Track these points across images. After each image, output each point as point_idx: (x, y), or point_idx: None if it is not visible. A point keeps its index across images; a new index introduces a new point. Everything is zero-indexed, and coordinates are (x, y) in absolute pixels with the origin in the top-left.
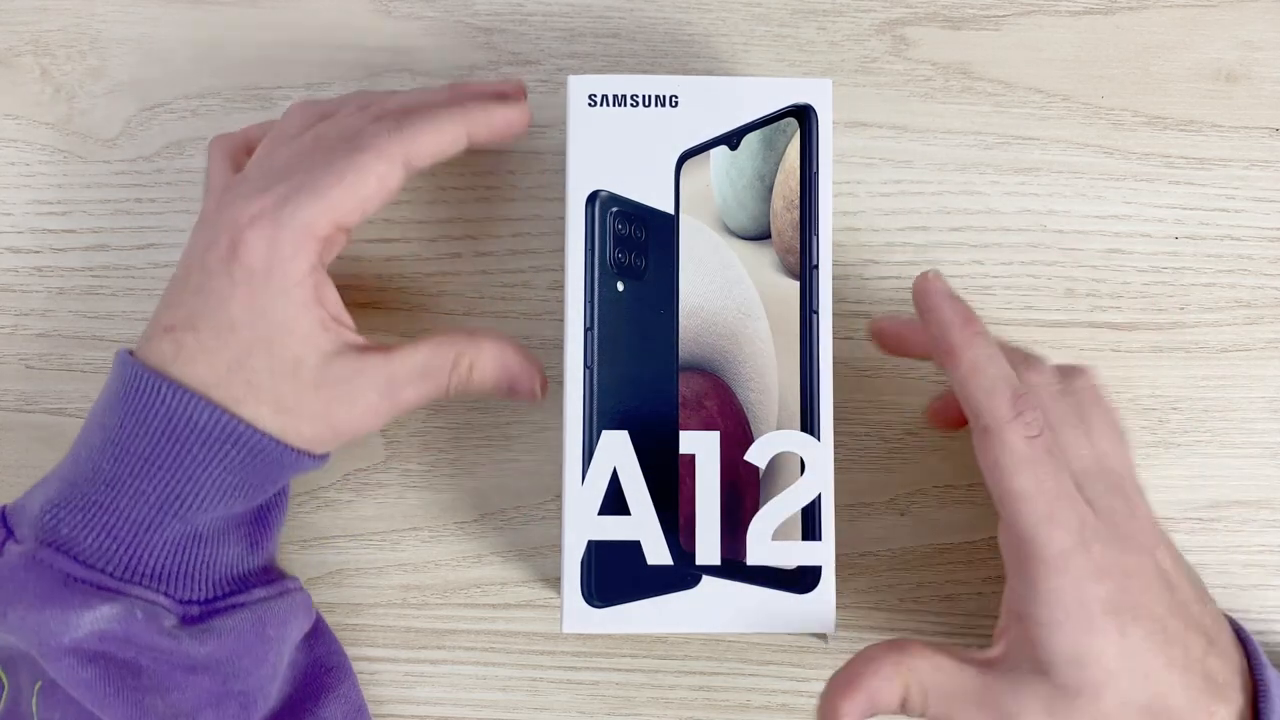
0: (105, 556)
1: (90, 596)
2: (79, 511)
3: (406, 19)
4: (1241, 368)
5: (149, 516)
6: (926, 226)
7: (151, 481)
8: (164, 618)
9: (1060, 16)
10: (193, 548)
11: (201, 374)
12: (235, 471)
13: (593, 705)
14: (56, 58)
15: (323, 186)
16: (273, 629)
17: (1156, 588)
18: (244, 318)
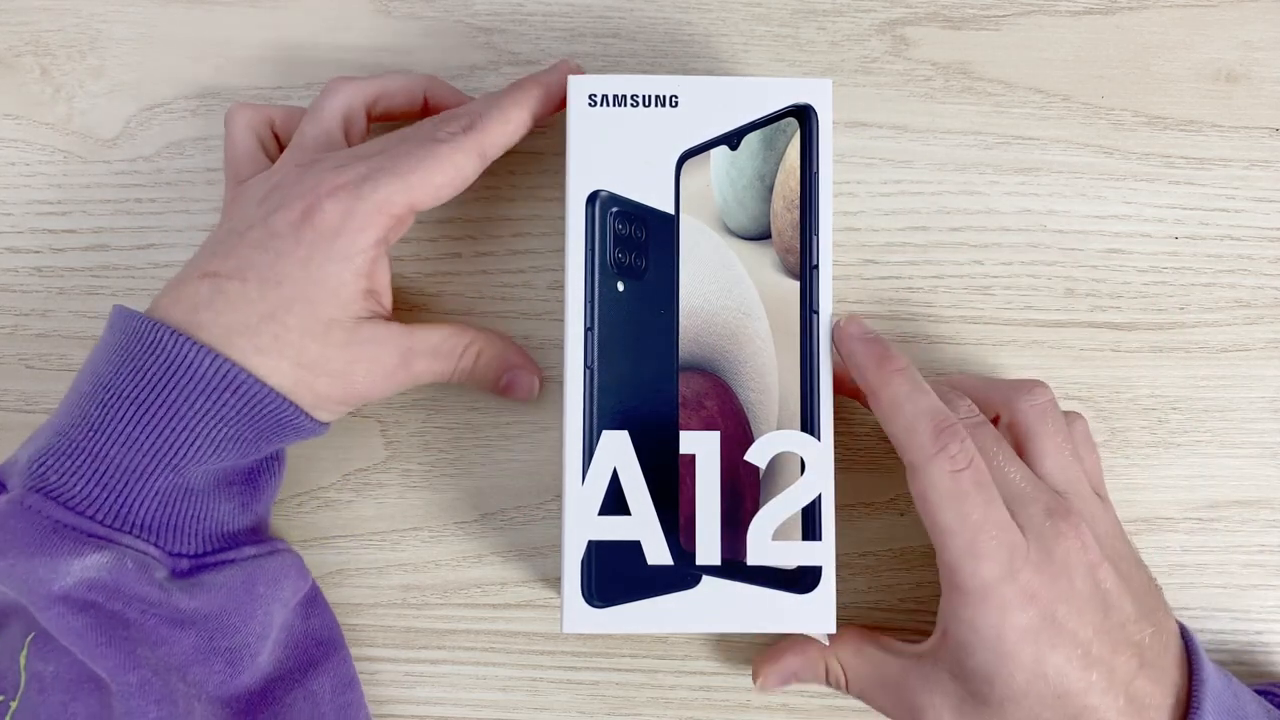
0: (94, 504)
1: (80, 544)
2: (67, 458)
3: (406, 19)
4: (1241, 368)
5: (140, 464)
6: (926, 226)
7: (144, 429)
8: (154, 568)
9: (1060, 16)
10: (183, 501)
11: (232, 320)
12: (231, 424)
13: (593, 705)
14: (56, 58)
15: (403, 170)
16: (262, 586)
17: (1088, 611)
18: (295, 275)
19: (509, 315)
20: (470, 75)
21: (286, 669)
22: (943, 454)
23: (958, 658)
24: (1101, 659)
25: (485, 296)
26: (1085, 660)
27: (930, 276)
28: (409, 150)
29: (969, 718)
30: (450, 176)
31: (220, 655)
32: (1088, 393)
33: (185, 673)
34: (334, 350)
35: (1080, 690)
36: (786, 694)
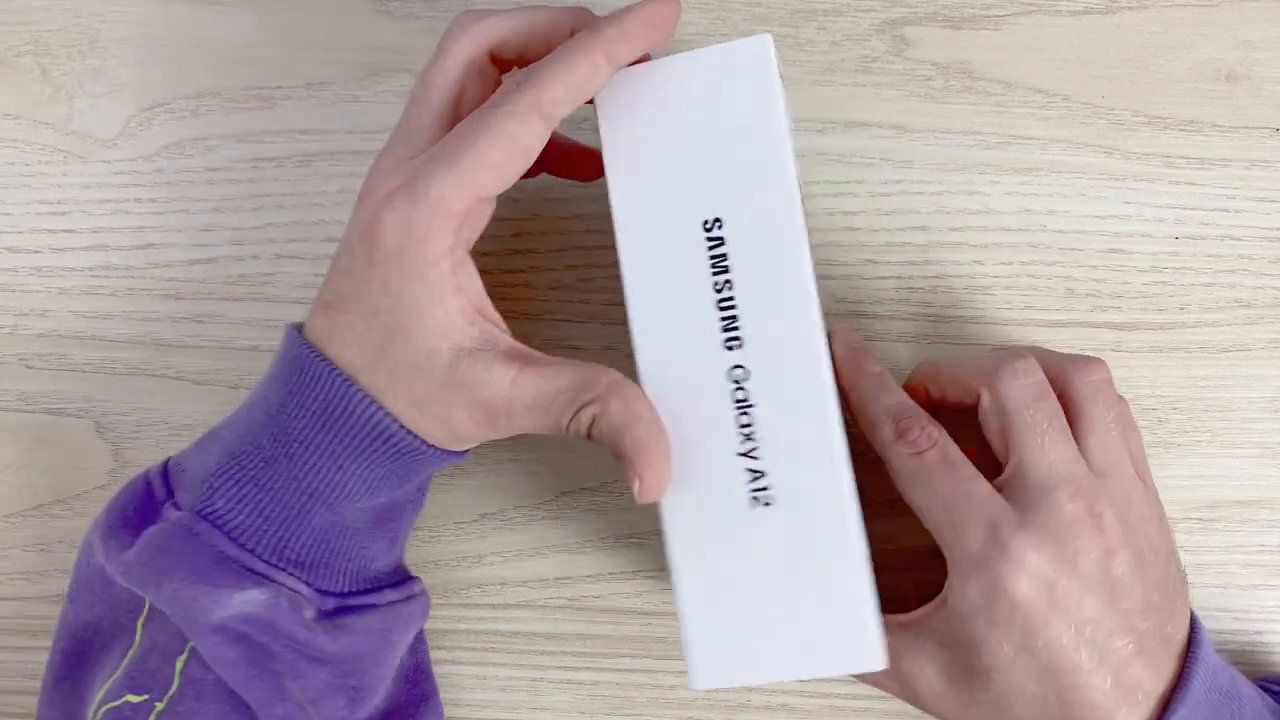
0: (256, 536)
1: (242, 578)
2: (236, 484)
3: (406, 19)
4: (1241, 368)
5: (299, 501)
6: (926, 226)
7: (305, 466)
8: (304, 608)
9: (1061, 16)
10: (337, 539)
11: (351, 357)
12: (383, 464)
13: (593, 705)
14: (56, 58)
15: (454, 155)
16: (396, 634)
17: (1090, 593)
18: (384, 303)
19: (509, 315)
20: None
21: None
22: (901, 440)
23: (950, 626)
24: (1095, 641)
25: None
26: (1077, 640)
27: (930, 277)
28: (462, 130)
29: (957, 685)
30: (508, 151)
31: (344, 692)
32: None
33: (317, 705)
34: (436, 390)
35: (1068, 668)
36: (787, 693)
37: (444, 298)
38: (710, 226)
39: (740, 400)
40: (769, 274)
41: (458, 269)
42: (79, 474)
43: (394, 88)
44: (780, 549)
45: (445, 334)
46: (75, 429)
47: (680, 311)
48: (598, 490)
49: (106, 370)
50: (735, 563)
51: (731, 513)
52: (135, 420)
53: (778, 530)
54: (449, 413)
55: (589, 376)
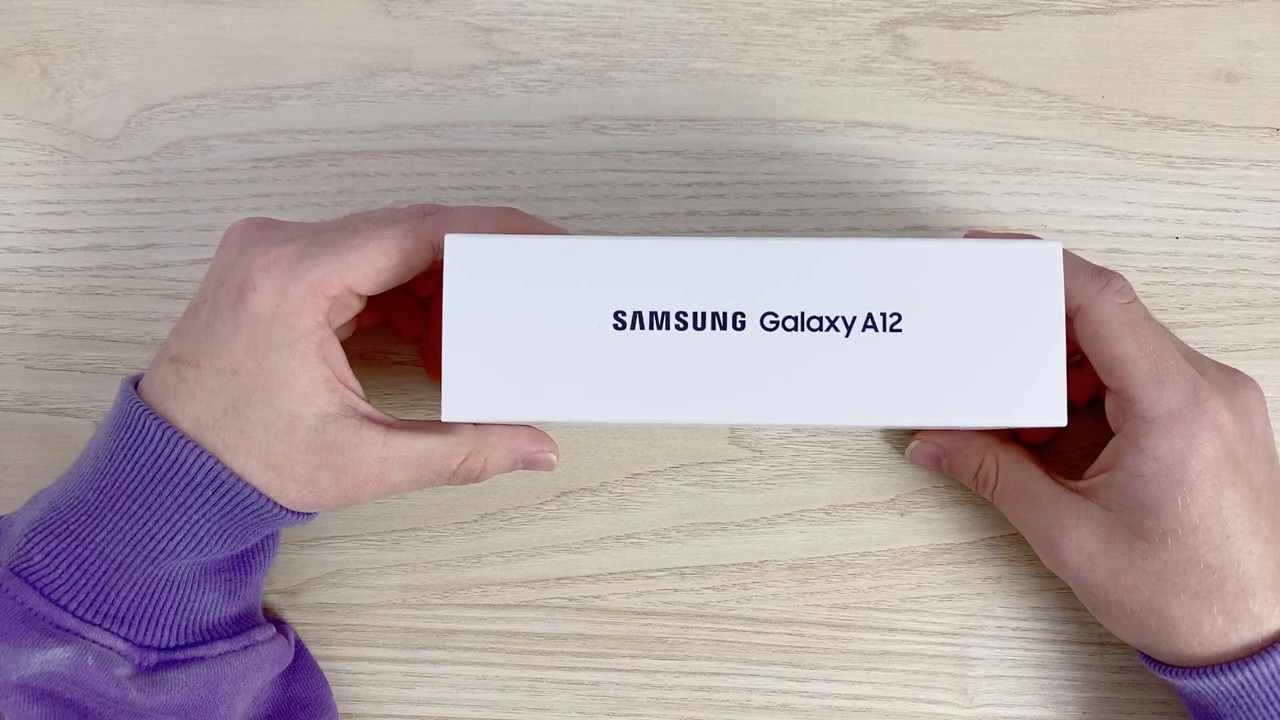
0: (73, 592)
1: (46, 636)
2: (55, 539)
3: (406, 19)
4: (1242, 368)
5: (121, 555)
6: (927, 226)
7: (129, 519)
8: (117, 665)
9: (1061, 16)
10: (163, 592)
11: (198, 413)
12: (215, 520)
13: (593, 706)
14: (56, 57)
15: (344, 249)
16: (228, 684)
17: (1262, 457)
18: (246, 363)
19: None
20: (470, 75)
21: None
22: (1108, 288)
23: (1125, 489)
24: (1268, 509)
25: None
26: (1257, 505)
27: None
28: (358, 228)
29: (1116, 550)
30: (395, 261)
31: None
32: None
33: None
34: (298, 453)
35: (1247, 533)
36: (787, 694)
37: (311, 366)
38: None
39: None
40: None
41: (325, 343)
42: None
43: (394, 87)
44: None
45: (310, 400)
46: (75, 429)
47: None
48: (598, 490)
49: (106, 370)
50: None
51: None
52: None
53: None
54: (313, 475)
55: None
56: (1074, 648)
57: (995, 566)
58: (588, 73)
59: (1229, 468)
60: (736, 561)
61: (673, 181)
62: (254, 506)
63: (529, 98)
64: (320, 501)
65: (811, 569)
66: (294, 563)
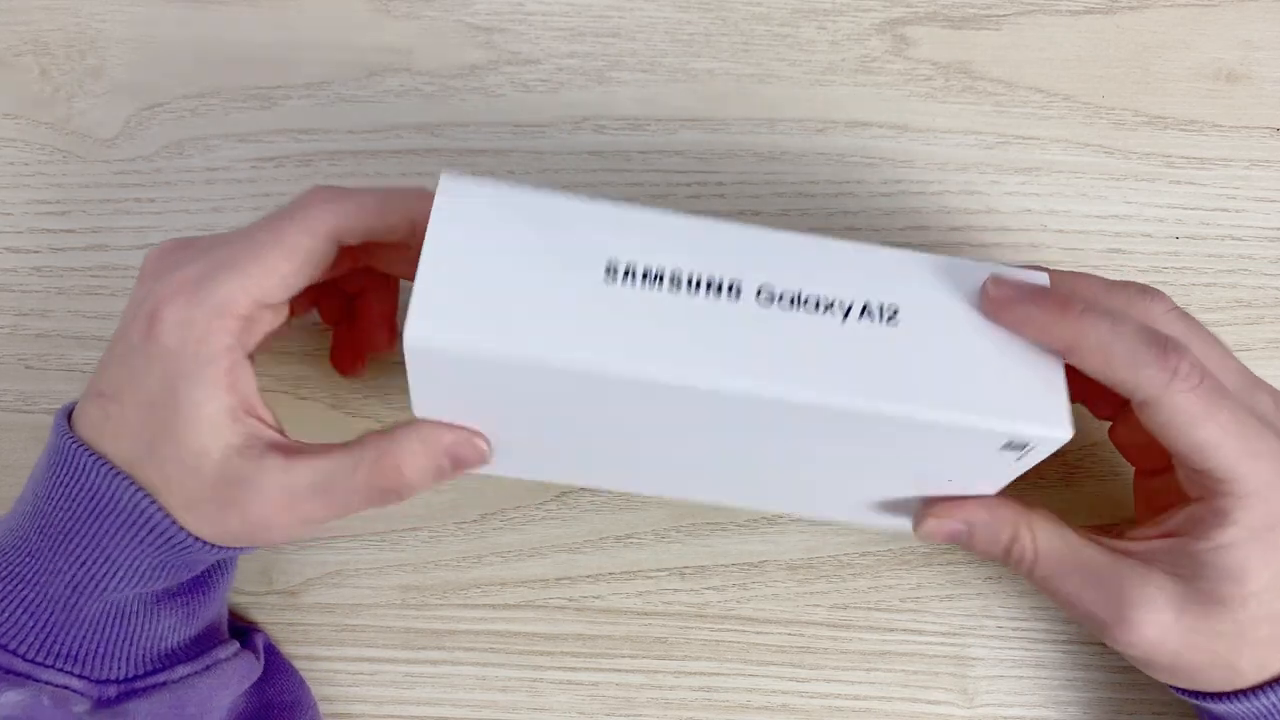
0: (21, 635)
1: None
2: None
3: (406, 19)
4: None
5: (65, 595)
6: (927, 226)
7: (69, 559)
8: (74, 703)
9: (1061, 16)
10: (114, 625)
11: (125, 450)
12: (154, 556)
13: (592, 706)
14: (56, 57)
15: (243, 262)
16: (193, 706)
17: None
18: (160, 397)
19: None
20: (470, 75)
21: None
22: (1176, 379)
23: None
24: None
25: None
26: None
27: None
28: (252, 234)
29: (1190, 616)
30: (299, 263)
31: None
32: None
33: None
34: (206, 490)
35: None
36: (786, 694)
37: (216, 395)
38: None
39: None
40: None
41: (234, 368)
42: None
43: (394, 87)
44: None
45: (213, 432)
46: None
47: None
48: (598, 490)
49: None
50: None
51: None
52: None
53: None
54: (221, 514)
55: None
56: (1074, 648)
57: (995, 566)
58: (588, 73)
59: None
60: (736, 561)
61: (673, 181)
62: (185, 544)
63: (529, 98)
64: (236, 539)
65: (811, 569)
66: (294, 563)
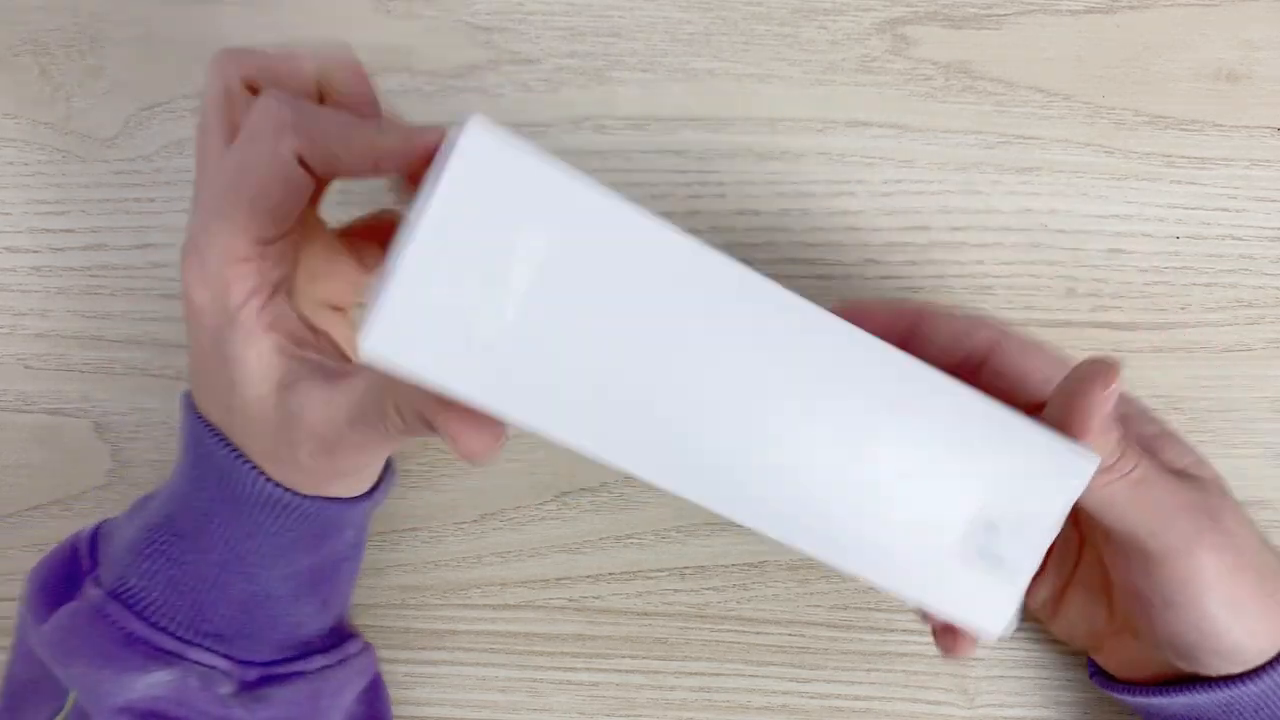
0: (169, 613)
1: (148, 660)
2: (149, 561)
3: (406, 18)
4: (1243, 368)
5: (213, 574)
6: (927, 226)
7: (214, 539)
8: (219, 684)
9: (1062, 15)
10: (259, 608)
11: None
12: (287, 530)
13: (592, 706)
14: (55, 57)
15: (227, 209)
16: (326, 699)
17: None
18: (215, 363)
19: None
20: (470, 75)
21: None
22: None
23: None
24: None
25: None
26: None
27: (931, 276)
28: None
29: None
30: (279, 195)
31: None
32: None
33: None
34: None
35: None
36: (786, 694)
37: (254, 340)
38: None
39: None
40: None
41: (266, 308)
42: (78, 474)
43: (394, 87)
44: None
45: (266, 375)
46: (74, 429)
47: None
48: (598, 490)
49: (105, 370)
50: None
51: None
52: (134, 420)
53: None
54: (294, 456)
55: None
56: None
57: None
58: (588, 72)
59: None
60: (736, 561)
61: (673, 181)
62: (300, 509)
63: (529, 97)
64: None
65: (811, 569)
66: None
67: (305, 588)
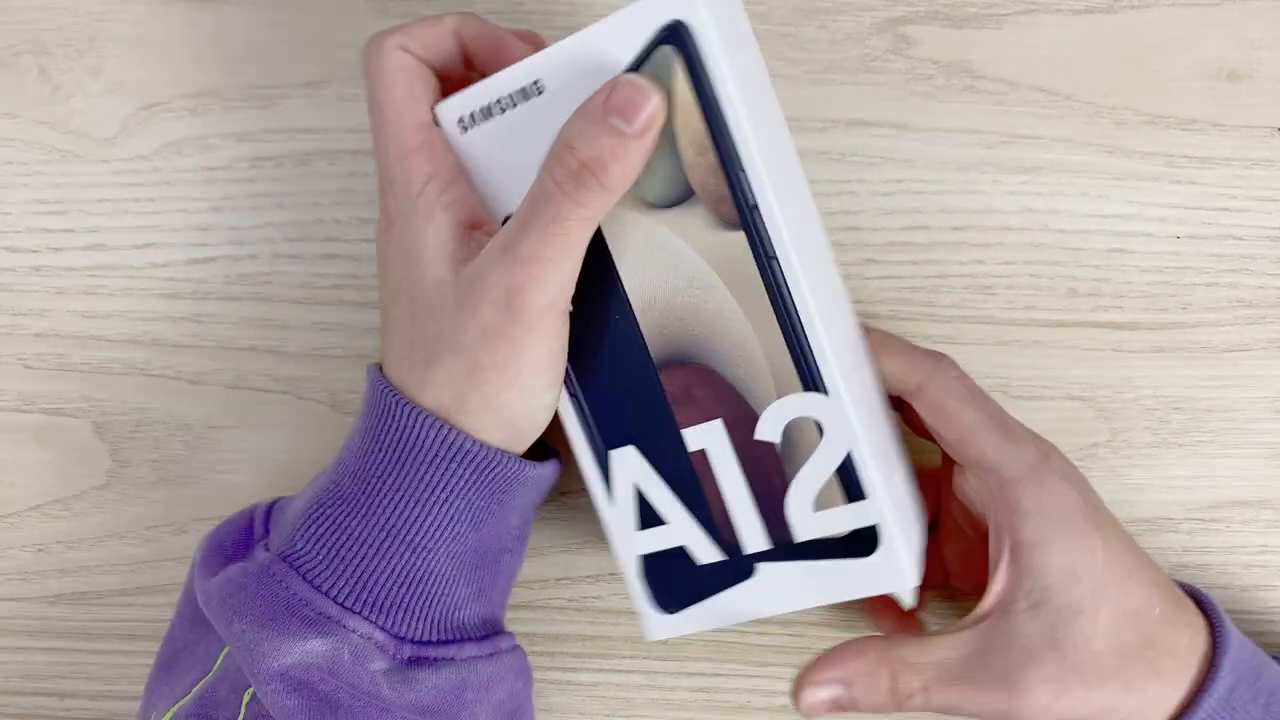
0: (333, 579)
1: (307, 626)
2: (316, 526)
3: (405, 19)
4: (1243, 368)
5: (378, 539)
6: (927, 226)
7: (381, 502)
8: (372, 659)
9: (1062, 15)
10: (418, 582)
11: (405, 349)
12: (461, 494)
13: (592, 706)
14: (55, 57)
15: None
16: (472, 692)
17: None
18: (401, 264)
19: None
20: None
21: None
22: (940, 366)
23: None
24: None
25: None
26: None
27: (931, 276)
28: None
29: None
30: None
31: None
32: (1089, 393)
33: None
34: (457, 311)
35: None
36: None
37: (434, 217)
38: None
39: None
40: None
41: (445, 190)
42: (77, 474)
43: None
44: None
45: (443, 252)
46: (73, 429)
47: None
48: None
49: (104, 370)
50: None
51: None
52: (133, 420)
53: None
54: (474, 356)
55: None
56: None
57: None
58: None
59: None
60: None
61: None
62: (494, 466)
63: None
64: (492, 394)
65: None
66: None
67: (466, 570)
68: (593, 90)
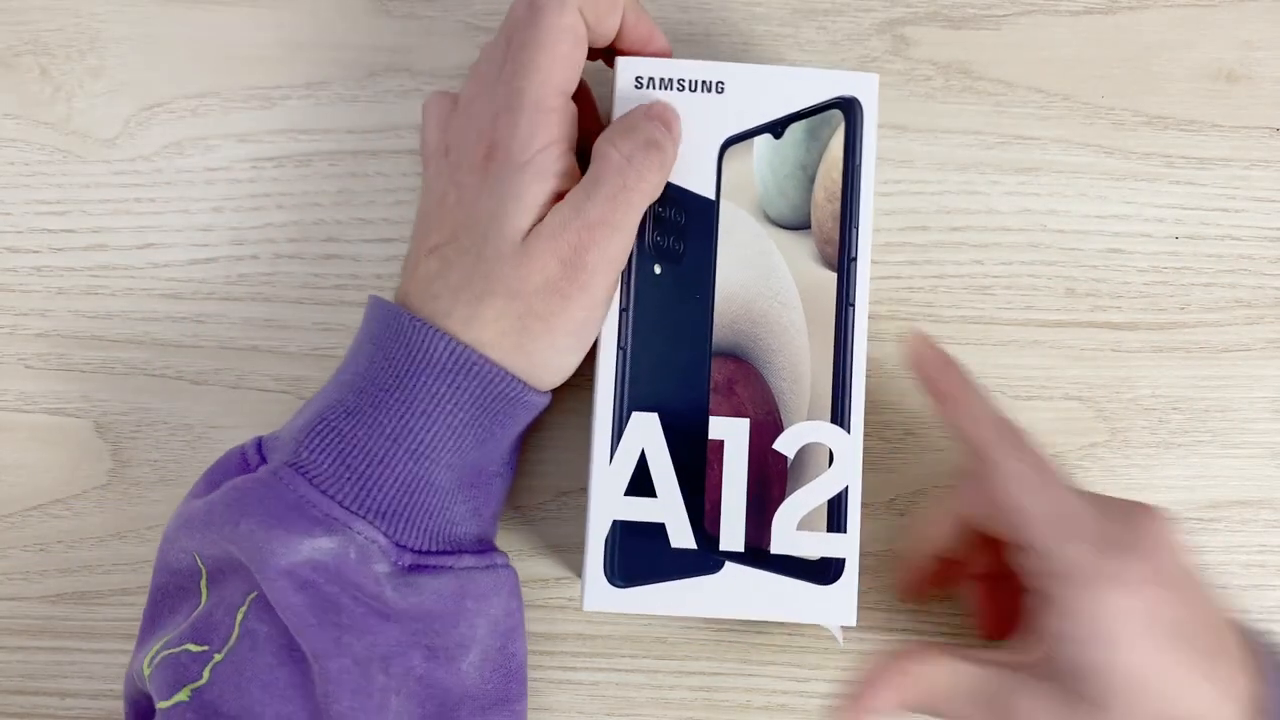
0: (339, 485)
1: (314, 525)
2: (320, 437)
3: (406, 18)
4: (1242, 368)
5: (383, 448)
6: (926, 226)
7: (388, 413)
8: (376, 561)
9: (1061, 16)
10: (420, 493)
11: (455, 282)
12: (466, 408)
13: (592, 705)
14: (56, 57)
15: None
16: (471, 600)
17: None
18: (486, 204)
19: None
20: None
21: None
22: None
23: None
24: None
25: None
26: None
27: (930, 276)
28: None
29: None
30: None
31: (419, 650)
32: (1088, 393)
33: (388, 664)
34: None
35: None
36: (786, 694)
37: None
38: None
39: None
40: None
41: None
42: (78, 474)
43: (393, 87)
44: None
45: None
46: (74, 429)
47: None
48: None
49: (106, 370)
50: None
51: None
52: (134, 420)
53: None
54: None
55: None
56: None
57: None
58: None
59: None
60: None
61: None
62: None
63: None
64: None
65: None
66: None
67: (463, 486)
68: (763, 111)
